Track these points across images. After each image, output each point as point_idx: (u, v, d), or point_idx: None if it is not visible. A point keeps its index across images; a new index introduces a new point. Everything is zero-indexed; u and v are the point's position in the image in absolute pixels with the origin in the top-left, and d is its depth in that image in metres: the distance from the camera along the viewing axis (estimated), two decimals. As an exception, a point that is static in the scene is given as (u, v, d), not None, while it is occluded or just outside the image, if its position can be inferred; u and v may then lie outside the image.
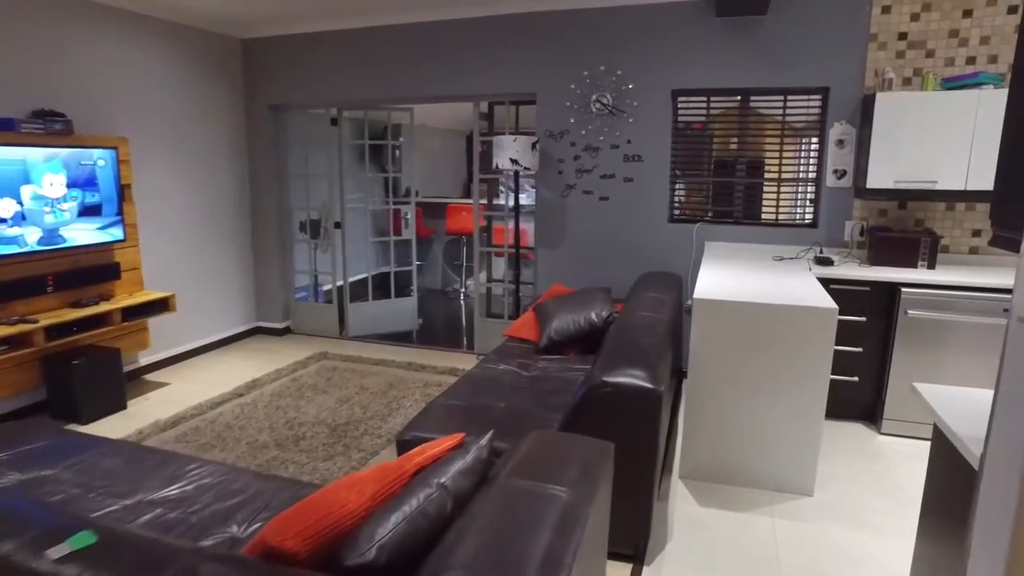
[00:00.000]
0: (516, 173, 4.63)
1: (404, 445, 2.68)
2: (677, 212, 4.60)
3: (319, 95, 5.37)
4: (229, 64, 5.42)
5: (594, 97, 4.53)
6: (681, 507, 2.96)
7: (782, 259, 4.14)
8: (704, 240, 4.47)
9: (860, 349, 3.74)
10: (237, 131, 5.56)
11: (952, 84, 3.71)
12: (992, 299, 3.47)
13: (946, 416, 1.64)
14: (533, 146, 4.46)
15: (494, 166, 4.53)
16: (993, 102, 3.58)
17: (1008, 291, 3.48)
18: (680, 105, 4.47)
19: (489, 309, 5.71)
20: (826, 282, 3.70)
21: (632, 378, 2.34)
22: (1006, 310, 3.47)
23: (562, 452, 1.73)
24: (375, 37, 5.08)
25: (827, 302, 2.92)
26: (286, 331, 5.95)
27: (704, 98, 4.41)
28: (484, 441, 1.67)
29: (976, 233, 4.05)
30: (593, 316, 3.70)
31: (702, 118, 4.45)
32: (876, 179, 3.79)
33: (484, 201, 5.79)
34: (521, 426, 2.73)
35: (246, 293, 5.79)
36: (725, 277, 3.53)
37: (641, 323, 3.01)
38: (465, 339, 5.74)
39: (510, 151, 4.40)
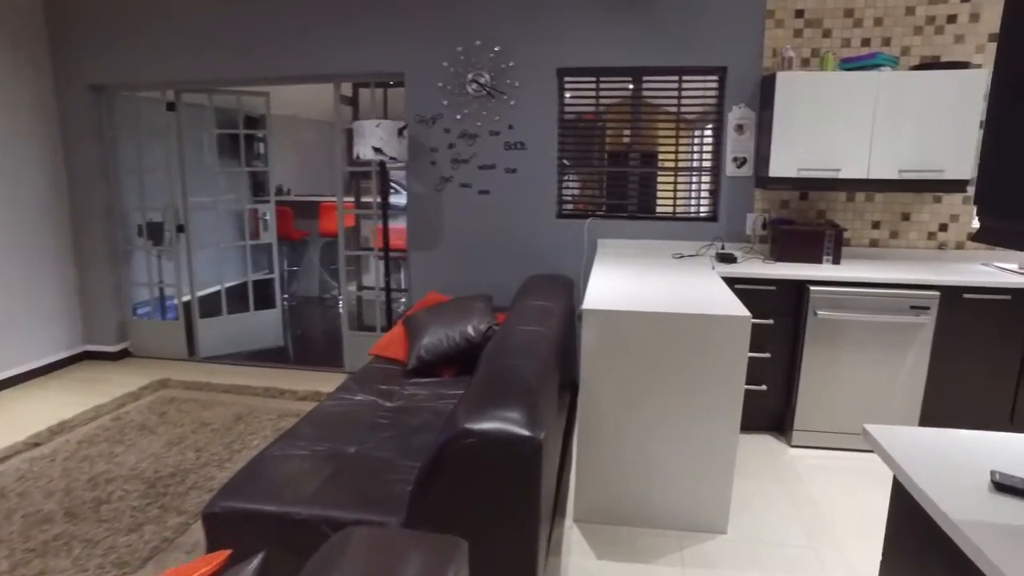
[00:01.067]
0: (382, 164, 3.99)
1: (214, 521, 2.01)
2: (567, 207, 4.12)
3: (151, 74, 4.50)
4: (27, 31, 4.44)
5: (470, 76, 3.97)
6: (576, 561, 2.45)
7: (682, 256, 3.75)
8: (596, 238, 4.02)
9: (768, 355, 3.40)
10: (46, 117, 4.59)
11: (850, 65, 3.43)
12: (899, 295, 3.20)
13: (912, 473, 1.19)
14: (400, 132, 3.84)
15: (355, 156, 3.87)
16: (892, 85, 3.32)
17: (915, 287, 3.23)
18: (567, 86, 3.99)
19: (361, 321, 5.04)
20: (730, 281, 3.33)
21: (504, 423, 1.79)
22: (913, 307, 3.21)
23: (390, 568, 1.14)
24: (216, 5, 4.29)
25: (738, 309, 2.50)
26: (123, 355, 5.02)
27: (593, 79, 3.95)
28: (255, 563, 1.05)
29: (876, 225, 3.82)
30: (470, 330, 3.14)
31: (591, 101, 3.99)
32: (779, 167, 3.46)
33: (352, 199, 5.11)
34: (373, 484, 2.12)
35: (69, 311, 4.82)
36: (620, 280, 3.07)
37: (522, 340, 2.48)
38: (344, 354, 5.04)
39: (373, 138, 3.76)
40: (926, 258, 3.82)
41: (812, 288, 3.24)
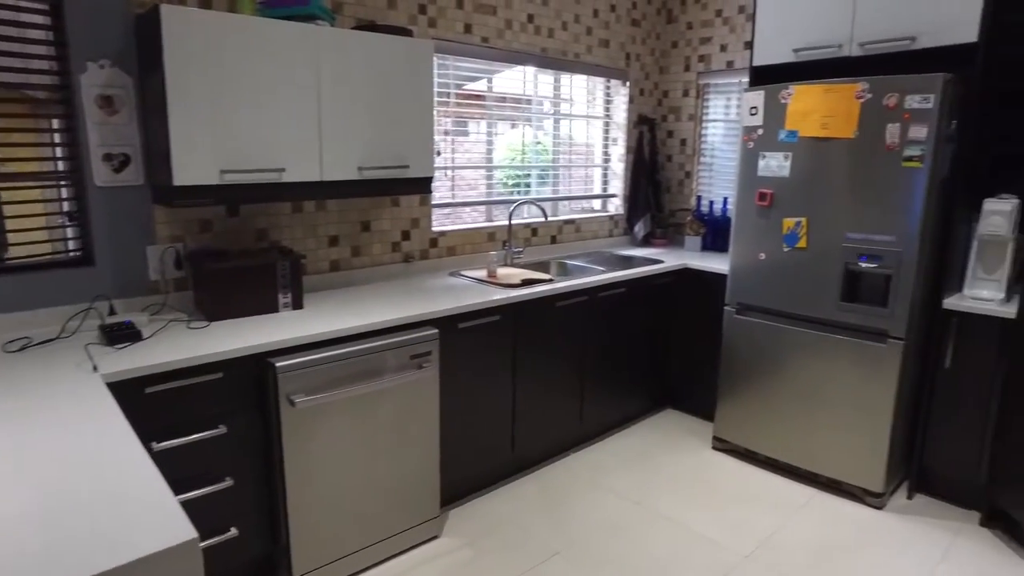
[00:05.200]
0: None
1: None
2: None
3: None
4: None
5: None
6: None
7: (25, 347, 2.00)
8: None
9: (229, 482, 2.04)
10: None
11: (277, 11, 2.28)
12: (396, 344, 2.30)
13: None
14: None
15: None
16: (337, 45, 2.33)
17: (409, 327, 2.38)
18: None
19: None
20: (131, 385, 1.81)
21: None
22: (414, 356, 2.36)
23: None
24: None
25: (170, 523, 1.06)
26: None
27: None
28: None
29: (334, 241, 2.87)
30: None
31: None
32: (189, 169, 2.07)
33: None
34: None
35: None
36: None
37: None
38: None
39: None
40: (396, 275, 3.08)
41: (278, 364, 2.02)
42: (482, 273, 3.15)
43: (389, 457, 2.35)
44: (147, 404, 1.81)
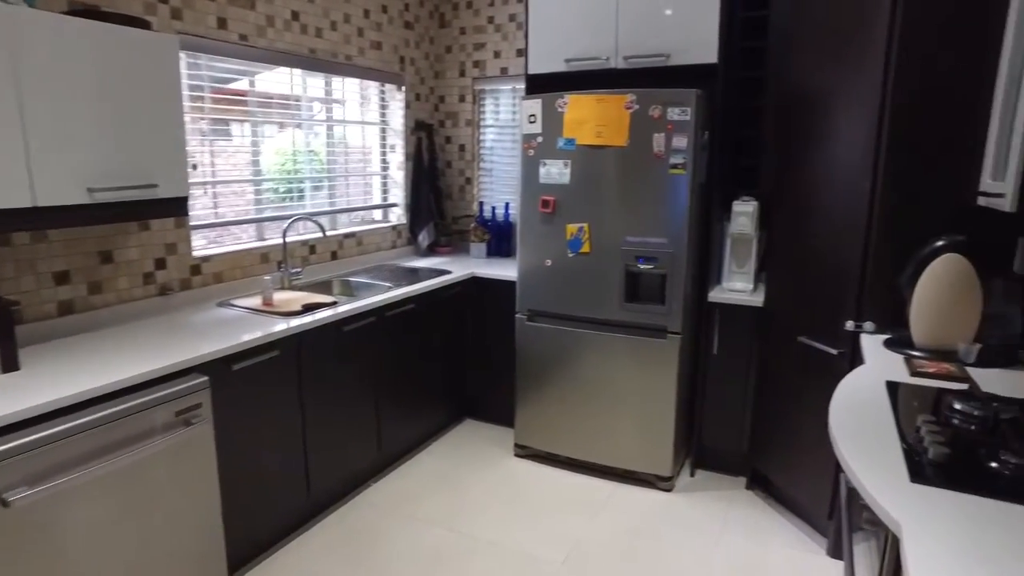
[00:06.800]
0: None
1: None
2: None
3: None
4: None
5: None
6: None
7: None
8: None
9: (-82, 623, 1.51)
10: None
11: (-57, -13, 1.74)
12: (153, 402, 1.90)
13: None
14: None
15: None
16: (44, 34, 1.85)
17: (169, 378, 1.99)
18: None
19: None
20: None
21: None
22: (181, 412, 1.98)
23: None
24: None
25: None
26: None
27: None
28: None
29: (63, 279, 2.32)
30: None
31: None
32: None
33: None
34: None
35: None
36: None
37: None
38: None
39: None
40: (151, 312, 2.60)
41: (-11, 451, 1.55)
42: (256, 301, 2.79)
43: (159, 536, 1.94)
44: None
